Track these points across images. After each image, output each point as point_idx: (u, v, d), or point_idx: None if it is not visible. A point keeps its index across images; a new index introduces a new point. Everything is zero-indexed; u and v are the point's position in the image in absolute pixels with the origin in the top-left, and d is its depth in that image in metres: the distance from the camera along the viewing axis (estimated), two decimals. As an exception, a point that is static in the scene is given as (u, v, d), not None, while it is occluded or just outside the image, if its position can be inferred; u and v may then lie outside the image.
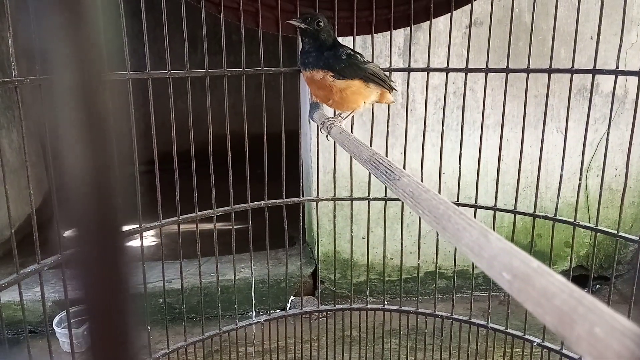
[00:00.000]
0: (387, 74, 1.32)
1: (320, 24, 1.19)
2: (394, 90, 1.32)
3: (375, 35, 1.40)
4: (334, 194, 1.63)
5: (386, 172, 0.72)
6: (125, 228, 0.23)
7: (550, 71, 1.32)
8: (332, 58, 1.17)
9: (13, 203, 1.13)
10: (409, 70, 1.48)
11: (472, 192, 1.63)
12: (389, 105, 1.61)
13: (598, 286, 2.70)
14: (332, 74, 1.16)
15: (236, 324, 1.51)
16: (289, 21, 1.20)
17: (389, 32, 1.40)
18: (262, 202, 1.49)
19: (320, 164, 1.93)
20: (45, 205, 3.04)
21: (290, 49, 2.65)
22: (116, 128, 0.22)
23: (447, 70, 1.43)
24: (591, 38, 2.32)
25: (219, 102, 1.43)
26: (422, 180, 1.66)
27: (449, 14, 1.38)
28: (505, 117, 1.46)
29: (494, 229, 1.58)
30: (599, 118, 2.46)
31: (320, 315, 1.72)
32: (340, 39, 1.33)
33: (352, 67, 1.17)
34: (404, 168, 1.69)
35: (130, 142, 1.28)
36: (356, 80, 1.18)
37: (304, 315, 1.62)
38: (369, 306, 1.59)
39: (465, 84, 1.46)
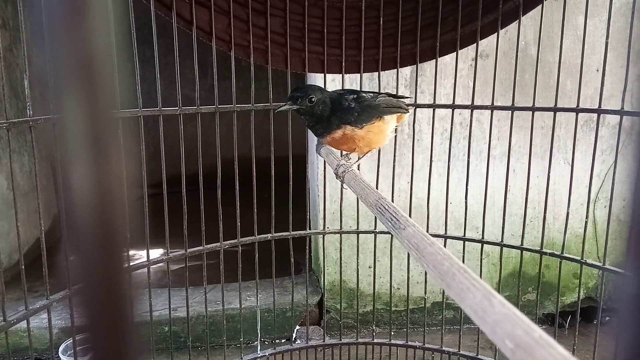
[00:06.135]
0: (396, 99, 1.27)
1: (313, 99, 1.07)
2: (408, 106, 1.23)
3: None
4: (340, 226, 1.63)
5: (391, 220, 0.73)
6: (132, 259, 0.23)
7: (555, 110, 1.33)
8: (342, 113, 1.08)
9: (22, 226, 1.14)
10: (415, 106, 1.50)
11: (479, 222, 1.63)
12: (395, 135, 1.63)
13: (607, 318, 2.66)
14: (349, 127, 1.09)
15: (241, 358, 1.50)
16: (278, 109, 1.10)
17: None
18: (269, 235, 1.50)
19: (327, 192, 1.94)
20: (54, 228, 3.06)
21: (300, 82, 2.69)
22: (125, 165, 0.22)
23: (452, 107, 1.45)
24: (597, 70, 2.33)
25: (228, 127, 1.45)
26: (428, 210, 1.68)
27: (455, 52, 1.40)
28: (512, 148, 1.48)
29: (501, 262, 1.57)
30: (605, 149, 2.46)
31: (326, 347, 1.71)
32: (347, 76, 1.36)
33: (365, 111, 1.09)
34: (411, 198, 1.71)
35: (140, 170, 1.30)
36: (374, 121, 1.10)
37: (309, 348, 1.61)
38: (376, 340, 1.58)
39: (471, 119, 1.48)
